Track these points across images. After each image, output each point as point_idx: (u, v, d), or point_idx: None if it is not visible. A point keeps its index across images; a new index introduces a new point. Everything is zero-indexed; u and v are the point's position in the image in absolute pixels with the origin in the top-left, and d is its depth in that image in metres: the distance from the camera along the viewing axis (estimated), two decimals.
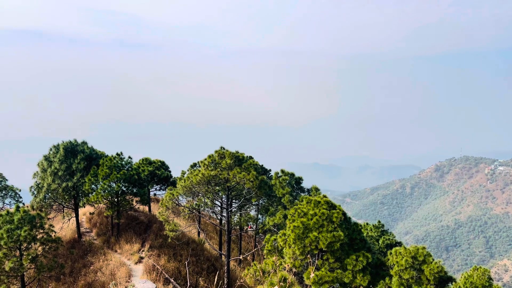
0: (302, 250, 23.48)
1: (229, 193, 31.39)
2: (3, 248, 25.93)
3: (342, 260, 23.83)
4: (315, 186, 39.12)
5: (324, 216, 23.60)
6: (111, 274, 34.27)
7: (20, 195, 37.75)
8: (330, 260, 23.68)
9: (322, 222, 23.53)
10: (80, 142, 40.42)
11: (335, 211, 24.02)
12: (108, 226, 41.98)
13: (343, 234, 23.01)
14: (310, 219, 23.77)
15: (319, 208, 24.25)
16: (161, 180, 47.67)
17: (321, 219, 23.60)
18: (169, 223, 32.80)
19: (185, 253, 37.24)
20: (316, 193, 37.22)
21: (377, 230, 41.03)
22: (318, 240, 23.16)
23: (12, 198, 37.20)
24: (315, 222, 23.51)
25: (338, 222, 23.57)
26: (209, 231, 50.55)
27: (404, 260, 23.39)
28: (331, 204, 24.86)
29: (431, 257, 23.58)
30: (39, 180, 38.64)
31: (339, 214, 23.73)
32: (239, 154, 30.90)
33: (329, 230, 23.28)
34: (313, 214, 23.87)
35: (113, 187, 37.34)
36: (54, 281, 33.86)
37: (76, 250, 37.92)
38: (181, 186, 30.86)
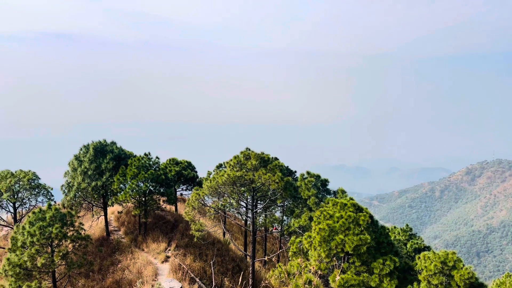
0: (327, 253, 23.23)
1: (254, 194, 31.41)
2: (35, 245, 26.75)
3: (368, 263, 23.44)
4: (342, 188, 38.66)
5: (351, 218, 23.28)
6: (138, 272, 34.85)
7: (52, 193, 38.84)
8: (357, 263, 23.34)
9: (349, 225, 23.22)
10: (109, 142, 41.31)
11: (361, 214, 23.66)
12: (135, 225, 42.71)
13: (369, 237, 22.63)
14: (336, 222, 23.49)
15: (346, 211, 23.95)
16: (188, 180, 48.17)
17: (348, 221, 23.29)
18: (195, 223, 33.09)
19: (210, 253, 37.48)
20: (343, 195, 36.78)
21: (405, 233, 40.21)
22: (344, 243, 22.87)
23: (44, 196, 38.32)
24: (341, 225, 23.22)
25: (364, 225, 23.21)
26: (234, 231, 50.73)
27: (433, 265, 22.81)
28: (358, 207, 24.50)
29: (461, 262, 22.91)
30: (70, 179, 39.70)
31: (365, 217, 23.37)
32: (264, 155, 30.89)
33: (355, 233, 22.95)
34: (339, 216, 23.59)
35: (141, 187, 37.97)
36: (84, 278, 34.68)
37: (105, 248, 38.73)
38: (207, 186, 31.09)
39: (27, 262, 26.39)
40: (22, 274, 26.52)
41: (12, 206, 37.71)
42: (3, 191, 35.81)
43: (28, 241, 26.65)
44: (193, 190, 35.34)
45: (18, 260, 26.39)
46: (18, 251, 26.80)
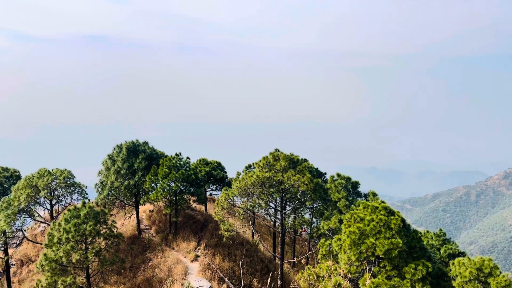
0: (358, 256, 22.85)
1: (283, 195, 31.29)
2: (70, 241, 27.59)
3: (400, 268, 22.91)
4: (373, 191, 37.95)
5: (382, 222, 22.82)
6: (168, 270, 35.36)
7: (86, 191, 39.97)
8: (388, 267, 22.85)
9: (380, 228, 22.76)
10: (142, 142, 42.15)
11: (393, 217, 23.16)
12: (166, 223, 43.37)
13: (401, 241, 22.12)
14: (367, 225, 23.08)
15: (377, 214, 23.49)
16: (217, 181, 48.52)
17: (379, 225, 22.84)
18: (224, 223, 33.28)
19: (239, 253, 37.60)
20: (374, 198, 36.11)
21: (438, 238, 39.07)
22: (375, 247, 22.44)
23: (79, 194, 39.48)
24: (372, 228, 22.80)
25: (396, 229, 22.70)
26: (263, 232, 50.70)
27: (468, 272, 22.06)
28: (389, 210, 23.99)
29: (498, 269, 22.04)
30: (103, 178, 40.74)
31: (397, 221, 22.85)
32: (293, 157, 30.73)
33: (386, 236, 22.48)
34: (370, 219, 23.17)
35: (172, 186, 38.53)
36: (116, 274, 35.50)
37: (136, 246, 39.51)
38: (236, 187, 31.21)
39: (63, 257, 27.25)
40: (58, 269, 27.40)
41: (49, 203, 39.04)
42: (41, 188, 37.13)
43: (63, 237, 27.52)
44: (222, 190, 35.56)
45: (54, 255, 27.30)
46: (54, 247, 27.72)
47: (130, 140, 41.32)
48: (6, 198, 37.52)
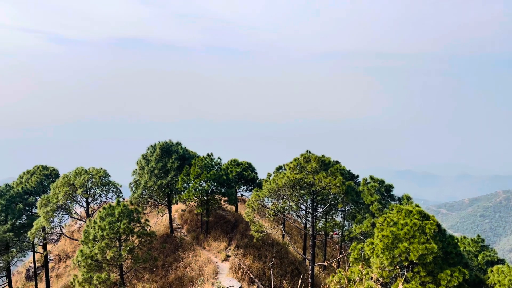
0: (390, 261, 22.33)
1: (314, 197, 30.99)
2: (105, 238, 28.31)
3: (435, 274, 22.22)
4: (407, 194, 37.03)
5: (416, 226, 22.21)
6: (199, 270, 35.72)
7: (121, 190, 40.92)
8: (422, 273, 22.22)
9: (414, 233, 22.17)
10: (175, 143, 42.80)
11: (428, 222, 22.50)
12: (198, 223, 43.84)
13: (436, 247, 21.45)
14: (400, 229, 22.53)
15: (411, 218, 22.89)
16: (248, 181, 48.65)
17: (413, 229, 22.24)
18: (255, 224, 33.29)
19: (269, 255, 37.54)
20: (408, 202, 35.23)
21: (476, 245, 37.66)
22: (408, 251, 21.87)
23: (114, 193, 40.47)
24: (405, 232, 22.23)
25: (431, 234, 22.04)
26: (294, 234, 50.41)
27: (508, 280, 21.13)
28: (424, 214, 23.32)
29: None
30: (137, 177, 41.63)
31: (432, 225, 22.18)
32: (325, 158, 30.39)
33: (421, 241, 21.86)
34: (404, 224, 22.60)
35: (203, 186, 38.92)
36: (148, 272, 36.17)
37: (168, 244, 40.14)
38: (266, 188, 31.16)
39: (98, 254, 27.99)
40: (93, 266, 28.17)
41: (85, 201, 40.24)
42: (78, 186, 38.32)
43: (98, 234, 28.27)
44: (253, 191, 35.61)
45: (89, 252, 28.09)
46: (90, 243, 28.53)
47: (163, 140, 42.07)
48: (46, 195, 38.95)
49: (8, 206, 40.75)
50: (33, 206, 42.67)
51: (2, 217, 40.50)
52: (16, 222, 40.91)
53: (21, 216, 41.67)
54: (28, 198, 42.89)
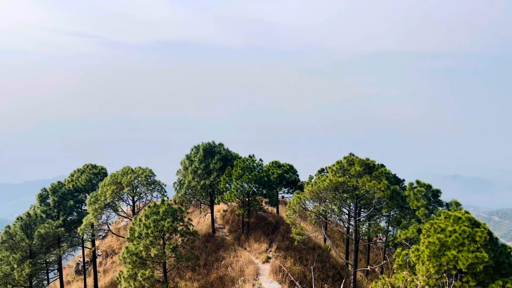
0: (437, 269, 21.45)
1: (358, 201, 30.36)
2: (150, 236, 29.08)
3: (485, 284, 21.11)
4: (456, 200, 35.48)
5: (465, 234, 21.21)
6: (240, 270, 35.92)
7: (165, 189, 41.89)
8: (471, 283, 21.17)
9: (463, 241, 21.18)
10: (217, 144, 43.35)
11: (478, 229, 21.42)
12: (239, 224, 44.14)
13: (487, 256, 20.37)
14: (448, 236, 21.60)
15: (460, 225, 21.89)
16: (289, 183, 48.43)
17: (462, 237, 21.25)
18: (296, 227, 33.06)
19: (310, 258, 37.16)
20: (457, 208, 33.77)
21: None
22: (457, 260, 20.92)
23: (159, 192, 41.49)
24: (454, 240, 21.28)
25: (482, 242, 20.96)
26: (336, 238, 49.64)
27: None
28: (474, 222, 22.23)
29: None
30: (181, 177, 42.50)
31: (483, 233, 21.09)
32: (369, 162, 29.69)
33: (470, 249, 20.84)
34: (452, 230, 21.65)
35: (245, 187, 39.15)
36: (190, 271, 36.80)
37: (210, 244, 40.66)
38: (308, 190, 30.86)
39: (142, 251, 28.79)
40: (138, 262, 29.00)
41: (131, 200, 41.55)
42: (124, 185, 39.62)
43: (143, 232, 29.08)
44: (294, 193, 35.39)
45: (135, 249, 28.94)
46: (135, 241, 29.40)
47: (206, 141, 42.73)
48: (94, 193, 40.58)
49: (60, 203, 42.83)
50: (82, 203, 44.58)
51: (54, 212, 42.61)
52: (67, 218, 42.93)
53: (72, 212, 43.68)
54: (78, 195, 44.89)
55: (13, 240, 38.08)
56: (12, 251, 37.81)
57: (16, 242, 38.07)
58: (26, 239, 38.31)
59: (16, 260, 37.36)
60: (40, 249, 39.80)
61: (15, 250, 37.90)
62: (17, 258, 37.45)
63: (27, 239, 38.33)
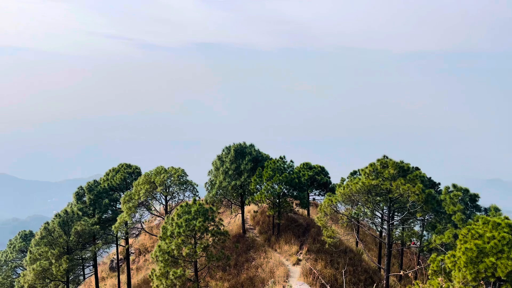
0: (474, 276, 20.72)
1: (391, 204, 29.74)
2: (181, 235, 29.47)
3: None
4: (495, 205, 34.17)
5: (505, 240, 20.39)
6: (270, 271, 35.89)
7: (197, 189, 42.38)
8: None
9: (502, 247, 20.37)
10: (248, 145, 43.52)
11: None
12: (269, 225, 44.11)
13: None
14: (486, 242, 20.83)
15: (499, 231, 21.07)
16: (320, 186, 48.00)
17: (501, 243, 20.44)
18: (327, 229, 32.72)
19: (342, 261, 36.69)
20: (496, 213, 32.52)
21: None
22: (495, 267, 20.14)
23: (191, 191, 42.04)
24: (492, 246, 20.50)
25: None
26: (368, 242, 48.80)
27: None
28: None
29: None
30: (213, 177, 42.91)
31: None
32: (403, 164, 29.05)
33: (510, 257, 20.02)
34: (491, 237, 20.86)
35: (275, 189, 39.09)
36: (221, 271, 37.06)
37: (241, 244, 40.82)
38: (340, 193, 30.48)
39: (174, 250, 29.22)
40: (170, 261, 29.46)
41: (164, 199, 42.29)
42: (158, 184, 40.36)
43: (175, 231, 29.52)
44: (325, 195, 35.04)
45: (167, 247, 29.42)
46: (167, 239, 29.87)
47: (237, 142, 42.98)
48: (128, 192, 41.53)
49: (95, 201, 44.09)
50: (117, 202, 45.71)
51: (90, 210, 43.91)
52: (102, 216, 44.15)
53: (107, 210, 44.88)
54: (113, 194, 46.05)
55: (52, 236, 39.50)
56: (50, 247, 39.20)
57: (54, 238, 39.46)
58: (64, 236, 39.64)
59: (54, 255, 38.72)
60: (77, 246, 41.08)
61: (53, 246, 39.28)
62: (55, 253, 38.79)
63: (64, 236, 39.66)
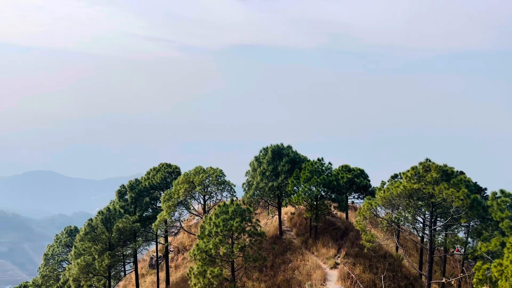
0: None
1: (434, 210, 28.78)
2: (219, 235, 29.78)
3: None
4: None
5: None
6: (307, 274, 35.60)
7: (235, 190, 42.68)
8: None
9: None
10: (286, 146, 43.38)
11: None
12: (306, 227, 43.75)
13: None
14: None
15: None
16: (360, 189, 47.12)
17: None
18: (366, 233, 32.08)
19: (381, 266, 35.86)
20: None
21: None
22: None
23: (228, 192, 42.41)
24: None
25: None
26: (409, 247, 47.43)
27: None
28: None
29: None
30: (250, 178, 43.07)
31: None
32: (447, 168, 28.03)
33: None
34: None
35: (313, 191, 38.74)
36: (258, 271, 37.10)
37: (277, 246, 40.71)
38: (380, 196, 29.81)
39: (212, 249, 29.56)
40: (207, 260, 29.83)
41: (202, 198, 42.89)
42: (196, 184, 40.99)
43: (213, 231, 29.86)
44: (365, 199, 34.36)
45: (204, 246, 29.80)
46: (205, 238, 30.26)
47: (275, 143, 42.92)
48: (168, 191, 42.40)
49: (136, 199, 45.32)
50: (157, 200, 46.77)
51: (131, 208, 45.17)
52: (143, 213, 45.32)
53: (147, 208, 46.03)
54: (154, 192, 47.15)
55: (95, 232, 40.93)
56: (93, 243, 40.64)
57: (97, 234, 40.87)
58: (106, 232, 40.99)
59: (97, 251, 40.10)
60: (118, 242, 42.36)
61: (96, 242, 40.70)
62: (98, 249, 40.17)
63: (107, 232, 41.01)
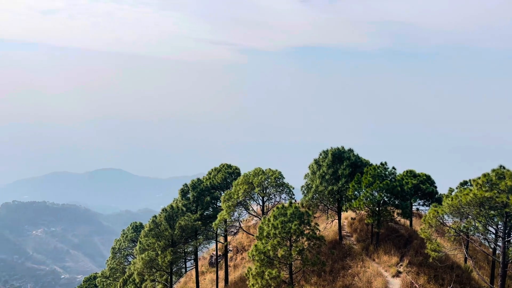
0: None
1: (508, 220, 26.79)
2: (277, 237, 29.79)
3: None
4: None
5: None
6: (367, 281, 34.60)
7: (293, 192, 42.52)
8: None
9: None
10: (347, 149, 42.46)
11: None
12: (367, 233, 42.53)
13: None
14: None
15: None
16: (425, 195, 44.97)
17: None
18: (432, 242, 30.56)
19: (447, 278, 34.00)
20: None
21: None
22: None
23: (287, 194, 42.33)
24: None
25: None
26: (479, 259, 44.53)
27: None
28: None
29: None
30: (309, 181, 42.64)
31: None
32: None
33: None
34: None
35: (375, 196, 37.58)
36: (316, 276, 36.62)
37: (337, 251, 39.94)
38: (447, 204, 28.28)
39: (270, 251, 29.64)
40: (266, 261, 29.94)
41: (261, 200, 43.18)
42: (255, 185, 41.33)
43: (271, 232, 29.93)
44: (431, 206, 32.73)
45: (263, 248, 29.95)
46: (264, 240, 30.40)
47: (335, 146, 42.16)
48: (228, 191, 43.16)
49: (198, 198, 46.58)
50: (217, 200, 47.76)
51: (193, 207, 46.49)
52: (204, 212, 46.50)
53: (208, 207, 47.15)
54: (214, 192, 48.22)
55: (159, 229, 42.61)
56: (157, 239, 42.31)
57: (161, 231, 42.51)
58: (169, 229, 42.51)
59: (160, 247, 41.71)
60: (180, 239, 43.77)
61: (160, 238, 42.34)
62: (161, 245, 41.77)
63: (169, 229, 42.53)
